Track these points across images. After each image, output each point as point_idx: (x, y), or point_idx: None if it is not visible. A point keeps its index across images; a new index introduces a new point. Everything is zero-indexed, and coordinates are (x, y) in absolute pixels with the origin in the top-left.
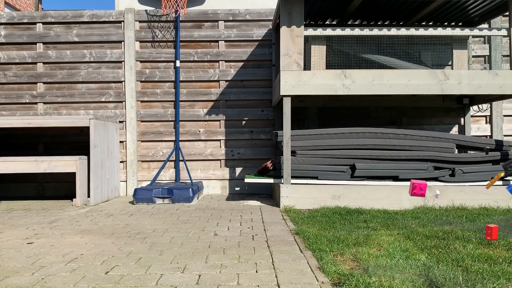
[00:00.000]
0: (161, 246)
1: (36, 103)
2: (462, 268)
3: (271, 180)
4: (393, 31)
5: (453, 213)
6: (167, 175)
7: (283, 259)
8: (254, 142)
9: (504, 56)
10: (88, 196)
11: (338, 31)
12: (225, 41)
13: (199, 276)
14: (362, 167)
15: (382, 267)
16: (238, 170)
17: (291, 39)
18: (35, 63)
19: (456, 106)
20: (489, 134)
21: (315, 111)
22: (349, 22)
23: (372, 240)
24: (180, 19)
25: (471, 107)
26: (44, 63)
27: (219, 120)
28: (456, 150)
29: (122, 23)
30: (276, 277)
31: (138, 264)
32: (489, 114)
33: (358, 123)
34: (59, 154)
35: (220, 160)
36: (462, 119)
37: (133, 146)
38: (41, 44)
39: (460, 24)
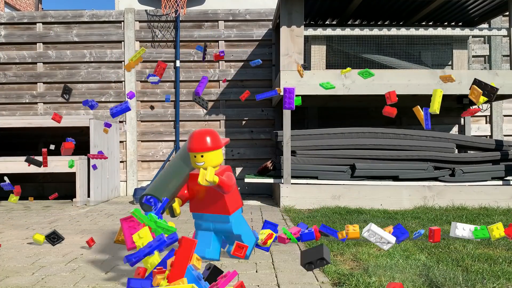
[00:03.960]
0: None
1: (36, 103)
2: (462, 268)
3: (271, 180)
4: (393, 31)
5: (453, 213)
6: None
7: (283, 259)
8: (254, 142)
9: (504, 56)
10: (88, 196)
11: (338, 31)
12: (225, 41)
13: None
14: (362, 167)
15: (382, 267)
16: (238, 170)
17: (291, 39)
18: (35, 63)
19: (456, 106)
20: (489, 134)
21: (315, 111)
22: (349, 22)
23: None
24: (180, 19)
25: (471, 107)
26: (44, 63)
27: (219, 120)
28: (456, 150)
29: (122, 23)
30: (276, 277)
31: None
32: (489, 114)
33: (358, 123)
34: (59, 154)
35: None
36: (462, 119)
37: (133, 146)
38: (41, 44)
39: (460, 24)
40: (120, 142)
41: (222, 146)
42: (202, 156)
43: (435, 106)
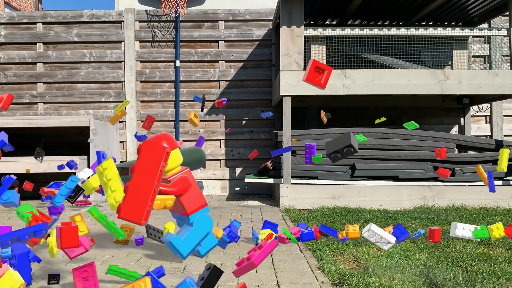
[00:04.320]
0: (161, 246)
1: (36, 103)
2: (462, 268)
3: (271, 180)
4: (393, 31)
5: (453, 213)
6: None
7: (283, 259)
8: (254, 142)
9: (504, 56)
10: (88, 196)
11: (338, 31)
12: (225, 41)
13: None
14: (362, 167)
15: (382, 267)
16: (238, 170)
17: (291, 39)
18: (35, 63)
19: (456, 106)
20: (489, 134)
21: (315, 111)
22: (349, 22)
23: None
24: (180, 19)
25: (471, 107)
26: (44, 63)
27: (219, 120)
28: (456, 150)
29: (122, 23)
30: (276, 277)
31: (138, 264)
32: (489, 114)
33: (358, 123)
34: (59, 154)
35: (220, 160)
36: (462, 119)
37: (133, 146)
38: (41, 44)
39: (460, 24)
40: (120, 142)
41: (178, 146)
42: None
43: (503, 165)
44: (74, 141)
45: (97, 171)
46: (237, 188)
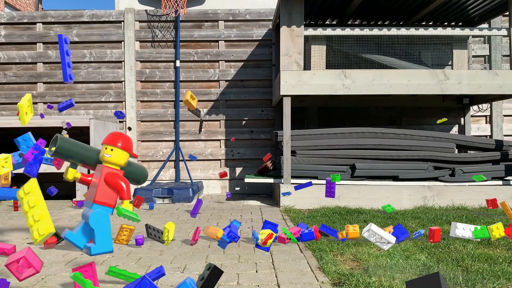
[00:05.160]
0: (161, 246)
1: (36, 103)
2: (462, 268)
3: (271, 180)
4: (393, 31)
5: (453, 213)
6: (167, 175)
7: (283, 259)
8: (254, 142)
9: (504, 56)
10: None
11: (338, 31)
12: (225, 41)
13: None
14: (362, 167)
15: (382, 267)
16: (238, 170)
17: (291, 39)
18: (35, 63)
19: (456, 106)
20: (489, 134)
21: (315, 111)
22: (349, 22)
23: None
24: (180, 19)
25: (471, 107)
26: (44, 63)
27: (219, 120)
28: (456, 150)
29: (122, 23)
30: (276, 277)
31: (138, 264)
32: (489, 114)
33: (358, 123)
34: None
35: (220, 160)
36: (462, 119)
37: (133, 146)
38: (41, 44)
39: (460, 24)
40: None
41: (130, 151)
42: (112, 149)
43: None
44: None
45: (18, 197)
46: (237, 188)
